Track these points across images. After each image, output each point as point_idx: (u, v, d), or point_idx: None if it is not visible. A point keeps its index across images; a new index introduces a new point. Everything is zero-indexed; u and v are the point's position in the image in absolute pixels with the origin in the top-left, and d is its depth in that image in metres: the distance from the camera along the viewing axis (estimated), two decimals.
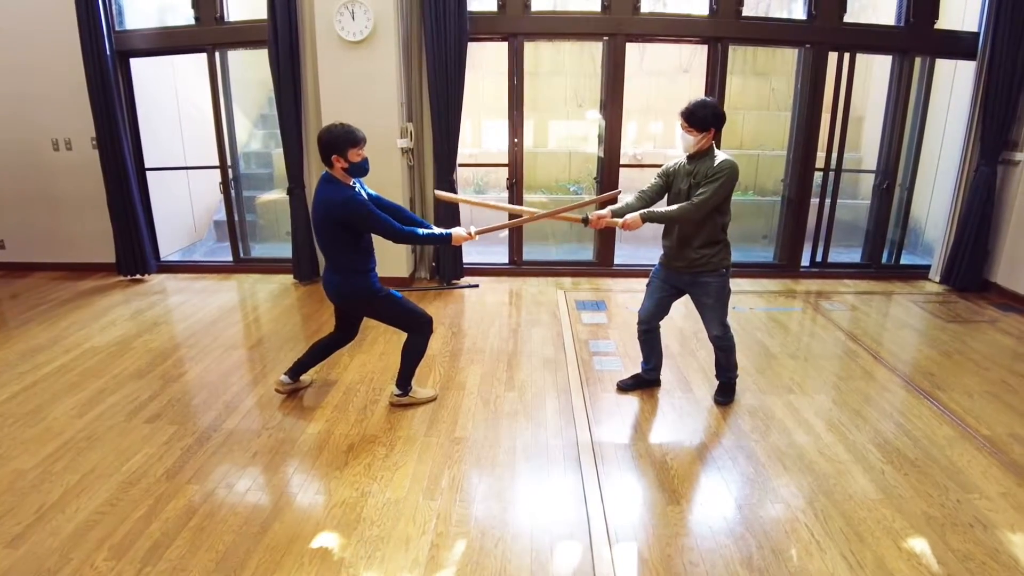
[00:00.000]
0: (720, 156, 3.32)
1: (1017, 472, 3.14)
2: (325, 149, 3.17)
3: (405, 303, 3.54)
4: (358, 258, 3.37)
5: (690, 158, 3.41)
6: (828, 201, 6.38)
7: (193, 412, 3.61)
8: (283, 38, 5.42)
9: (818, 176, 6.35)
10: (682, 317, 5.28)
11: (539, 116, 9.01)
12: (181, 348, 4.54)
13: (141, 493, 2.85)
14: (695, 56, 8.49)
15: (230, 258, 6.54)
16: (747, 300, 5.75)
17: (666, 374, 4.15)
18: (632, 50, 6.04)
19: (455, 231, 3.40)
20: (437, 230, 3.42)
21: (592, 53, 8.34)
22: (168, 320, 5.11)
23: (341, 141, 3.15)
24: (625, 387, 3.94)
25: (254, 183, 7.80)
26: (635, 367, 4.18)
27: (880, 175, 6.42)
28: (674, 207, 3.37)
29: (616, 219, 3.46)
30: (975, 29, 5.79)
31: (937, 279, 6.31)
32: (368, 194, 3.40)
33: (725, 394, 3.82)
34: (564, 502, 2.86)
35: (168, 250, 6.78)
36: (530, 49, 7.99)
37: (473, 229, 3.46)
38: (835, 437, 3.44)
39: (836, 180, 6.34)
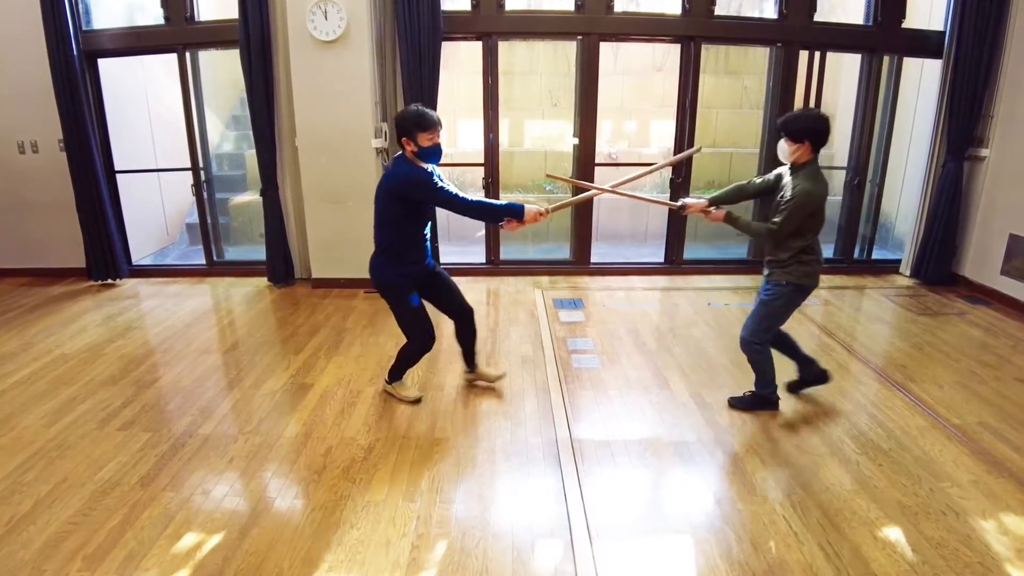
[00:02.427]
0: (805, 178, 3.21)
1: (987, 460, 3.22)
2: (398, 131, 3.20)
3: (416, 309, 3.50)
4: (399, 245, 3.36)
5: (791, 168, 3.34)
6: None
7: (167, 418, 3.57)
8: (255, 38, 5.36)
9: None
10: (658, 314, 5.33)
11: (514, 115, 9.01)
12: (154, 353, 4.48)
13: (115, 502, 2.81)
14: (668, 55, 8.55)
15: (203, 261, 6.46)
16: (721, 296, 5.81)
17: (643, 371, 4.19)
18: (606, 49, 6.08)
19: (529, 206, 3.32)
20: (507, 203, 3.33)
21: (567, 52, 8.36)
22: (141, 325, 5.03)
23: (410, 123, 3.16)
24: (794, 389, 3.87)
25: (227, 185, 7.71)
26: (612, 364, 4.23)
27: (851, 172, 6.53)
28: (754, 224, 3.40)
29: (710, 208, 3.50)
30: (941, 28, 5.90)
31: (908, 273, 6.43)
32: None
33: (741, 400, 3.75)
34: (544, 500, 2.87)
35: (140, 254, 6.68)
36: (505, 48, 7.98)
37: (549, 206, 3.40)
38: (811, 430, 3.49)
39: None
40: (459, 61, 7.93)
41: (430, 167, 3.30)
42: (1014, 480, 3.05)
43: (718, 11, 5.89)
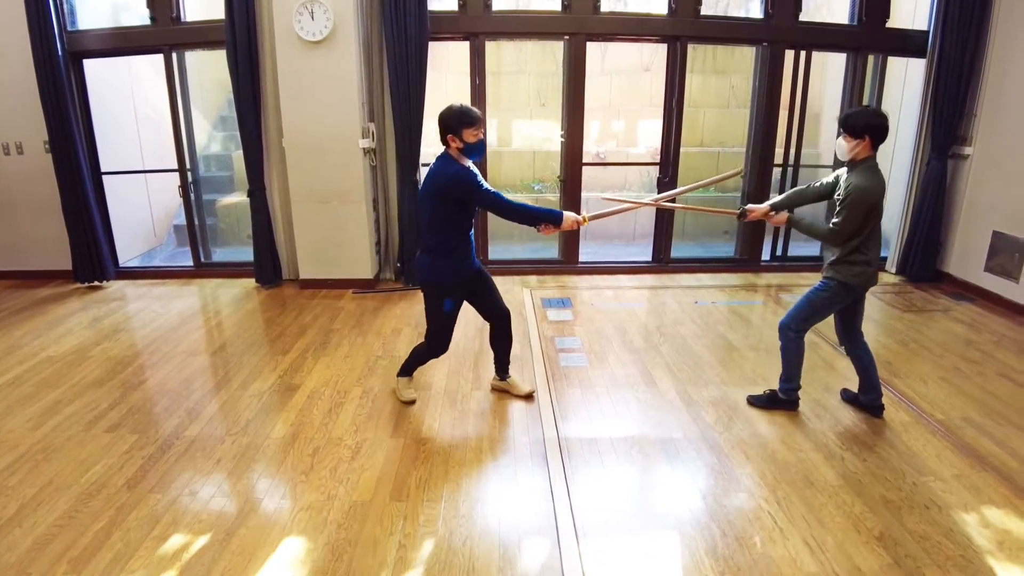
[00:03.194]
0: (860, 175, 3.21)
1: (969, 454, 3.26)
2: (443, 128, 3.21)
3: (447, 315, 3.49)
4: (446, 246, 3.34)
5: (848, 167, 3.33)
6: None
7: (154, 420, 3.55)
8: (241, 38, 5.35)
9: (777, 171, 6.47)
10: (645, 313, 5.35)
11: (503, 115, 9.03)
12: (141, 355, 4.46)
13: (101, 504, 2.80)
14: (656, 55, 8.59)
15: (191, 263, 6.43)
16: (708, 294, 5.84)
17: (630, 369, 4.21)
18: (594, 49, 6.11)
19: (567, 214, 3.34)
20: (547, 208, 3.38)
21: (554, 52, 8.38)
22: (127, 327, 5.01)
23: (455, 121, 3.17)
24: (846, 399, 3.83)
25: (214, 186, 7.68)
26: (600, 362, 4.24)
27: (836, 170, 6.56)
28: (817, 225, 3.38)
29: (772, 212, 3.55)
30: (925, 28, 5.95)
31: (893, 271, 6.48)
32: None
33: (759, 398, 3.75)
34: (532, 498, 2.88)
35: (127, 256, 6.65)
36: (493, 48, 8.01)
37: (587, 214, 3.43)
38: (796, 426, 3.52)
39: (794, 175, 6.47)
40: (447, 61, 7.93)
41: (470, 165, 3.32)
42: (996, 474, 3.09)
43: (704, 11, 5.92)
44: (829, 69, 7.88)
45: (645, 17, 6.06)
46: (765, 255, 6.68)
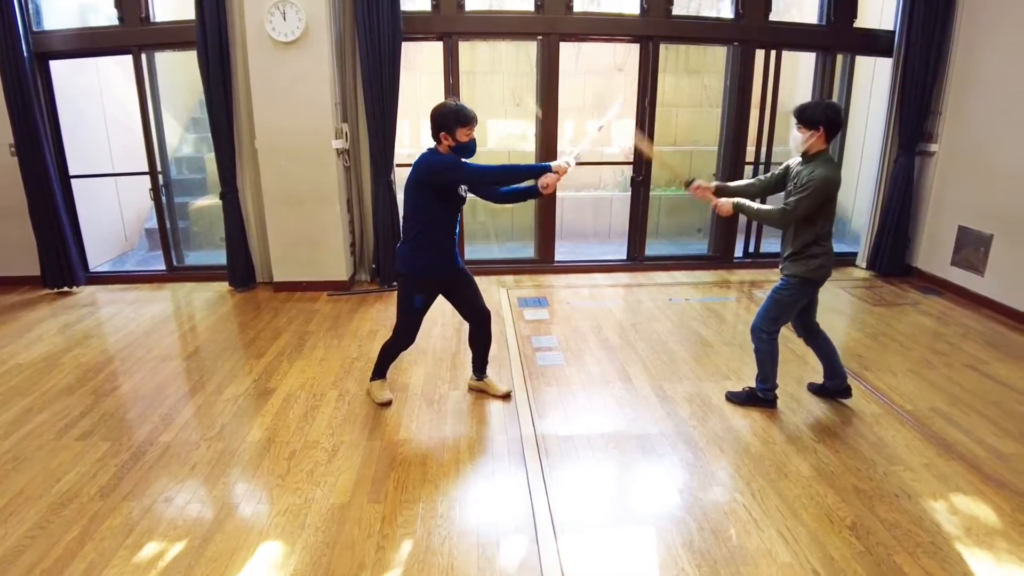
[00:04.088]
0: (822, 165, 3.27)
1: (938, 443, 3.34)
2: (435, 125, 3.21)
3: (416, 310, 3.50)
4: (427, 238, 3.34)
5: (803, 159, 3.40)
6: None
7: (128, 427, 3.51)
8: (212, 39, 5.29)
9: (749, 170, 6.55)
10: (621, 310, 5.39)
11: (478, 115, 9.00)
12: (113, 361, 4.40)
13: (74, 514, 2.76)
14: (629, 55, 8.64)
15: (163, 267, 6.35)
16: (682, 292, 5.90)
17: (606, 366, 4.25)
18: (568, 49, 6.13)
19: (554, 163, 3.32)
20: (531, 169, 3.35)
21: (528, 52, 8.39)
22: (99, 333, 4.94)
23: (451, 119, 3.18)
24: (813, 390, 3.92)
25: (186, 189, 7.59)
26: (576, 360, 4.27)
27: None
28: (764, 208, 3.46)
29: (714, 196, 3.60)
30: (891, 28, 6.07)
31: (864, 265, 6.61)
32: None
33: (737, 395, 3.80)
34: (510, 497, 2.90)
35: (97, 260, 6.54)
36: (467, 48, 7.99)
37: (571, 159, 3.38)
38: (770, 420, 3.58)
39: (766, 173, 6.54)
40: (420, 61, 7.91)
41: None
42: (963, 462, 3.17)
43: (676, 11, 5.98)
44: (799, 68, 7.99)
45: (617, 17, 6.10)
46: (738, 252, 6.76)
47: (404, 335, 3.59)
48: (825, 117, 3.25)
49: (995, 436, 3.43)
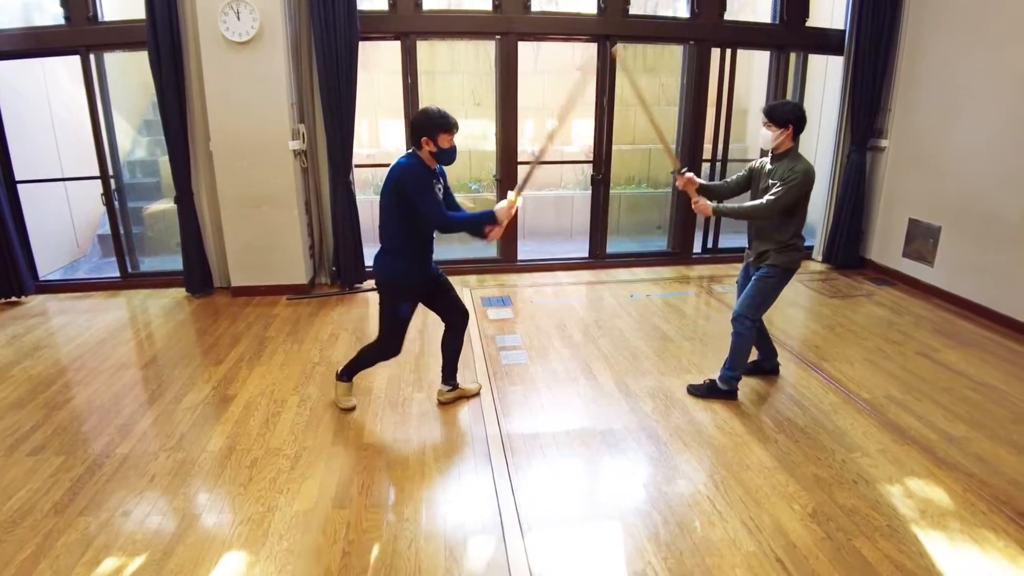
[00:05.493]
0: (800, 160, 3.44)
1: (893, 430, 3.45)
2: (417, 130, 3.17)
3: (402, 320, 3.43)
4: (402, 244, 3.31)
5: (772, 158, 3.55)
6: None
7: (82, 439, 3.41)
8: (164, 39, 5.17)
9: (706, 167, 6.65)
10: (583, 308, 5.43)
11: None
12: (66, 372, 4.27)
13: (27, 532, 2.67)
14: (588, 54, 8.69)
15: (117, 274, 6.18)
16: (643, 288, 5.97)
17: (570, 363, 4.27)
18: (527, 49, 6.14)
19: (497, 207, 3.31)
20: (479, 212, 3.34)
21: (488, 51, 8.40)
22: (50, 344, 4.78)
23: (435, 125, 3.14)
24: (744, 372, 3.95)
25: (140, 193, 7.40)
26: (541, 359, 4.29)
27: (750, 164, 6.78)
28: (746, 204, 3.51)
29: (696, 194, 3.66)
30: (842, 27, 6.21)
31: (819, 259, 6.76)
32: (445, 186, 3.38)
33: (700, 388, 3.84)
34: (476, 497, 2.90)
35: (47, 269, 6.34)
36: (426, 48, 7.96)
37: (511, 195, 3.37)
38: (731, 412, 3.64)
39: (723, 169, 6.67)
40: (378, 61, 7.85)
41: (438, 170, 3.33)
42: (917, 447, 3.28)
43: (633, 11, 6.04)
44: (754, 66, 8.13)
45: (575, 17, 6.13)
46: (697, 247, 6.85)
47: (389, 345, 3.50)
48: (794, 116, 3.43)
49: (946, 421, 3.54)
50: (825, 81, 7.06)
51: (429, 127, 3.15)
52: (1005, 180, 4.95)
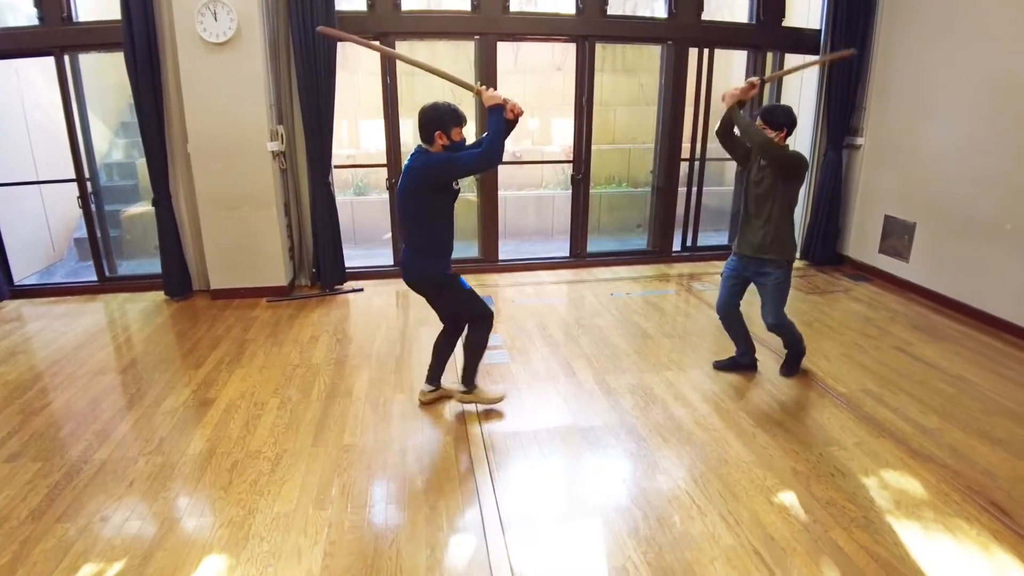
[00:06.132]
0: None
1: (869, 423, 3.51)
2: (430, 125, 3.19)
3: (469, 292, 3.51)
4: (442, 237, 3.36)
5: (760, 159, 3.75)
6: (695, 189, 6.75)
7: (60, 445, 3.37)
8: (140, 40, 5.12)
9: (685, 166, 6.70)
10: (564, 307, 5.45)
11: (417, 115, 8.96)
12: (43, 378, 4.22)
13: (3, 539, 2.63)
14: (567, 54, 8.73)
15: (94, 278, 6.11)
16: (624, 286, 6.01)
17: (550, 362, 4.29)
18: (507, 49, 6.16)
19: (489, 96, 3.26)
20: (491, 124, 3.24)
21: (467, 52, 8.40)
22: (26, 349, 4.72)
23: (448, 119, 3.18)
24: (721, 367, 4.18)
25: (118, 196, 7.32)
26: (522, 357, 4.31)
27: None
28: (754, 130, 3.66)
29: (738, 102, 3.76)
30: (818, 27, 6.29)
31: (798, 255, 6.83)
32: None
33: (789, 366, 4.12)
34: (457, 496, 2.90)
35: (23, 273, 6.25)
36: (404, 48, 7.93)
37: (486, 92, 3.33)
38: (710, 408, 3.68)
39: (701, 169, 6.72)
40: (358, 61, 7.84)
41: None
42: (892, 439, 3.34)
43: (611, 11, 6.07)
44: (732, 66, 8.20)
45: (553, 17, 6.15)
46: (676, 246, 6.91)
47: (486, 312, 3.54)
48: (789, 120, 3.67)
49: (921, 413, 3.61)
50: (802, 80, 7.12)
51: (442, 121, 3.19)
52: (976, 177, 5.05)
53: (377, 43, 3.89)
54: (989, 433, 3.41)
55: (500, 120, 3.22)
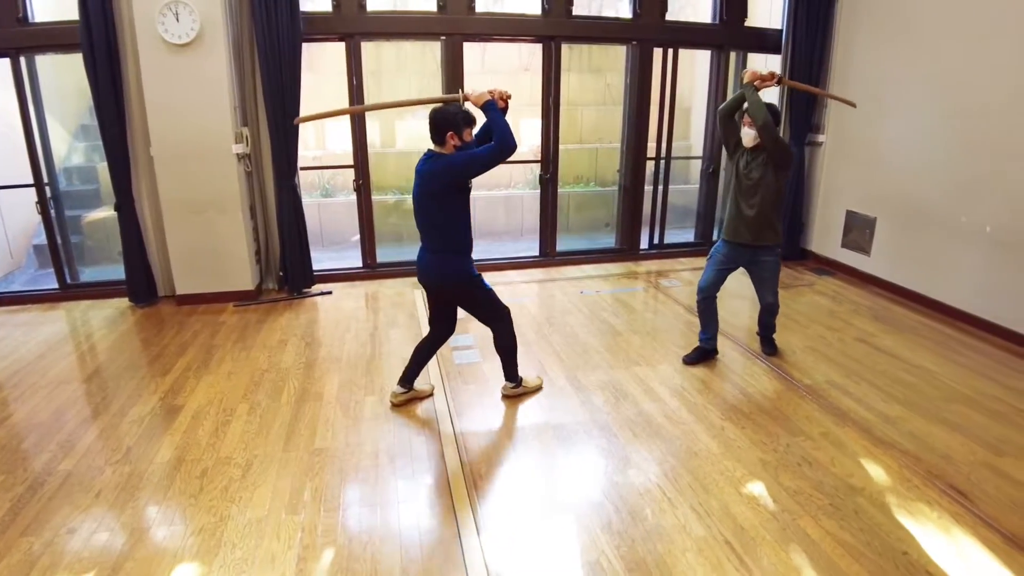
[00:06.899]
0: None
1: (834, 413, 3.60)
2: (442, 127, 3.23)
3: (492, 293, 3.59)
4: (464, 238, 3.41)
5: (750, 152, 3.95)
6: (661, 187, 6.83)
7: (22, 457, 3.29)
8: (99, 42, 5.01)
9: (652, 165, 6.77)
10: (535, 305, 5.48)
11: (385, 116, 8.93)
12: (3, 388, 4.11)
13: None
14: (534, 55, 8.76)
15: (55, 285, 5.97)
16: (593, 284, 6.06)
17: (522, 360, 4.28)
18: (474, 49, 6.16)
19: (472, 95, 3.29)
20: (492, 119, 3.25)
21: (434, 52, 8.38)
22: None
23: (459, 120, 3.24)
24: (690, 361, 4.23)
25: (79, 201, 7.14)
26: (493, 358, 4.29)
27: (706, 160, 6.97)
28: (764, 110, 3.78)
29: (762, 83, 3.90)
30: (779, 27, 6.40)
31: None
32: None
33: (772, 346, 4.43)
34: (431, 496, 2.91)
35: None
36: (372, 48, 7.90)
37: (466, 94, 3.35)
38: (679, 402, 3.73)
39: (667, 167, 6.80)
40: (323, 62, 7.78)
41: None
42: (856, 428, 3.43)
43: (576, 11, 6.11)
44: (696, 66, 8.31)
45: (520, 18, 6.17)
46: (644, 243, 6.98)
47: (506, 312, 3.64)
48: (774, 116, 3.85)
49: (883, 402, 3.71)
50: None
51: (455, 122, 3.24)
52: (933, 172, 5.20)
53: (347, 107, 3.92)
54: (948, 420, 3.52)
55: (497, 112, 3.28)
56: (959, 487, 2.93)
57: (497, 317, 3.63)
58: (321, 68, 7.74)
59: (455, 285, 3.49)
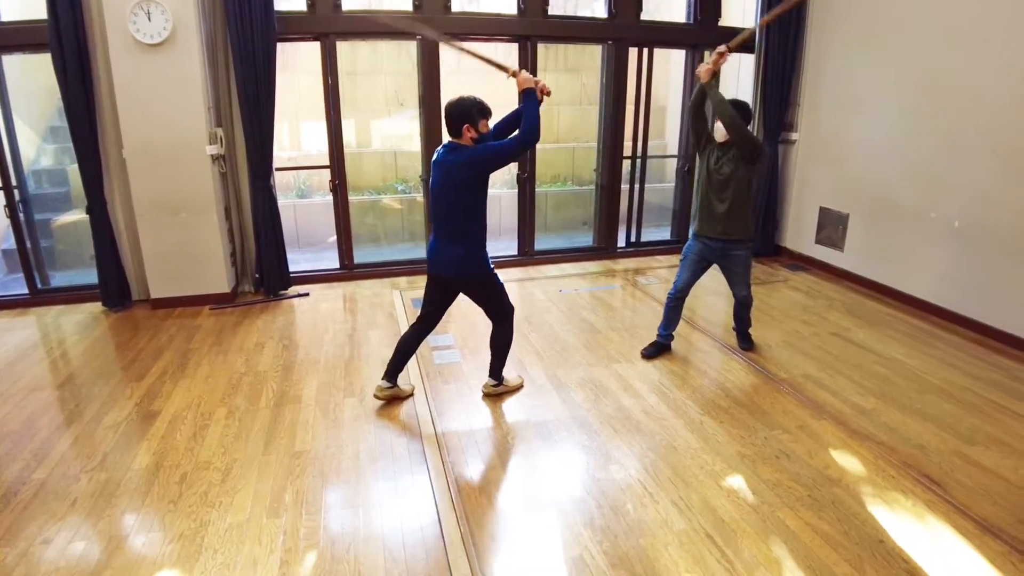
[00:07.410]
0: None
1: (810, 406, 3.66)
2: (458, 119, 3.25)
3: (503, 288, 3.64)
4: (482, 230, 3.43)
5: (722, 147, 3.99)
6: (637, 186, 6.88)
7: None
8: (68, 41, 4.91)
9: (628, 163, 6.82)
10: (514, 304, 5.46)
11: (361, 116, 8.88)
12: None
13: None
14: (511, 55, 8.76)
15: (25, 290, 5.86)
16: (571, 283, 6.09)
17: None
18: (450, 49, 6.12)
19: (523, 78, 3.38)
20: (526, 106, 3.33)
21: (410, 52, 8.35)
22: None
23: (475, 112, 3.25)
24: (648, 355, 4.34)
25: (48, 204, 7.01)
26: (474, 357, 4.33)
27: (681, 159, 7.03)
28: (726, 106, 3.83)
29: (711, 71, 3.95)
30: (752, 25, 6.46)
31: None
32: None
33: (748, 341, 4.47)
34: (413, 497, 2.90)
35: None
36: (348, 48, 7.86)
37: (521, 75, 3.42)
38: (659, 398, 3.77)
39: (643, 166, 6.85)
40: (298, 62, 7.71)
41: None
42: (832, 420, 3.49)
43: (552, 11, 6.13)
44: (671, 65, 8.37)
45: (495, 17, 6.18)
46: (621, 242, 7.02)
47: (510, 310, 3.71)
48: (746, 113, 3.93)
49: (858, 395, 3.78)
50: (739, 78, 7.34)
51: (471, 115, 3.25)
52: (904, 169, 5.29)
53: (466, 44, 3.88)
54: (921, 411, 3.59)
55: (534, 102, 3.31)
56: (933, 476, 3.00)
57: (504, 314, 3.67)
58: (294, 67, 7.66)
59: (473, 278, 3.52)
